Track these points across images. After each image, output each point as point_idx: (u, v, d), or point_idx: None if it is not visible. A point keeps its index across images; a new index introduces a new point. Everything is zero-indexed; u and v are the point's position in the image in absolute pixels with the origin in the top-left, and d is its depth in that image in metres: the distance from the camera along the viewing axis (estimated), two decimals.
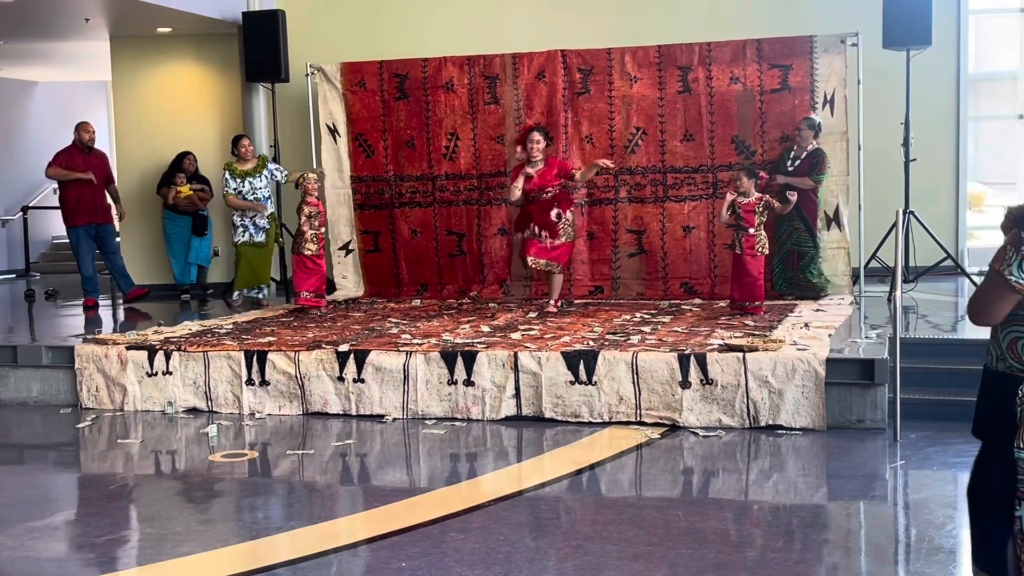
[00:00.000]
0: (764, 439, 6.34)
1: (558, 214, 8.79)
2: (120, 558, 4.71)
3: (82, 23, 11.70)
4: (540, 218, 8.80)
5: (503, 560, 4.44)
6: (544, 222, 8.79)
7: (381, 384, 7.10)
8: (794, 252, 9.27)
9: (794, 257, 9.28)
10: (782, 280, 9.32)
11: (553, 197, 8.79)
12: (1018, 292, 3.01)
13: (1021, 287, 2.99)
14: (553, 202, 8.79)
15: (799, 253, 9.26)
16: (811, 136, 9.13)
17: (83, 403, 7.71)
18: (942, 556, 4.38)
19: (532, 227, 8.87)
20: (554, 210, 8.78)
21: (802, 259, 9.26)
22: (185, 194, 11.55)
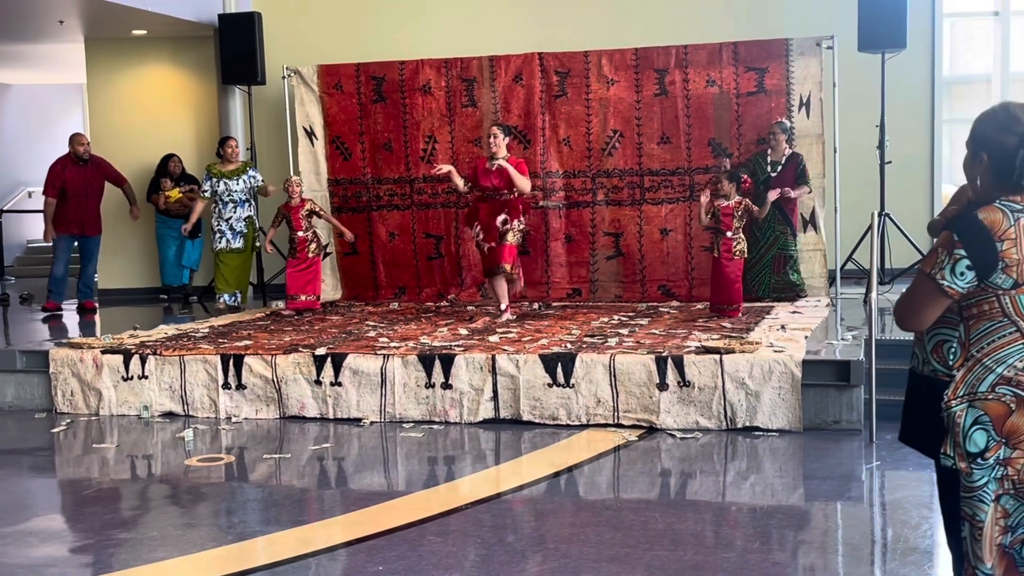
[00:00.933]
0: (741, 441, 6.36)
1: (504, 220, 8.49)
2: (95, 563, 4.68)
3: (56, 25, 11.63)
4: (486, 219, 8.58)
5: (481, 563, 4.43)
6: (487, 224, 8.55)
7: (358, 387, 7.08)
8: (780, 256, 9.29)
9: (780, 262, 9.30)
10: (767, 286, 9.32)
11: (506, 202, 8.52)
12: (949, 297, 2.96)
13: (953, 291, 2.95)
14: (504, 207, 8.51)
15: (785, 257, 9.29)
16: (784, 140, 9.17)
17: (58, 408, 7.66)
18: (917, 556, 4.40)
19: (476, 226, 8.69)
20: (501, 216, 8.49)
21: (787, 263, 9.29)
22: (175, 197, 11.50)
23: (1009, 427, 2.95)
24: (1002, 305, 2.95)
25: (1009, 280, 2.92)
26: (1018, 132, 2.92)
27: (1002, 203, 2.94)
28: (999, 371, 2.95)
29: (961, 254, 2.91)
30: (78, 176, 10.81)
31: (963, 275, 2.92)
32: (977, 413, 2.98)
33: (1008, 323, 2.96)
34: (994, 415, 2.96)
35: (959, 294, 2.96)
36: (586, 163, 10.01)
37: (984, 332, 2.99)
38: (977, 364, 2.99)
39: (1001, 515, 2.99)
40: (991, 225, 2.91)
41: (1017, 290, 2.93)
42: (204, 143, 12.15)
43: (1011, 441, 2.96)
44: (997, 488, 2.98)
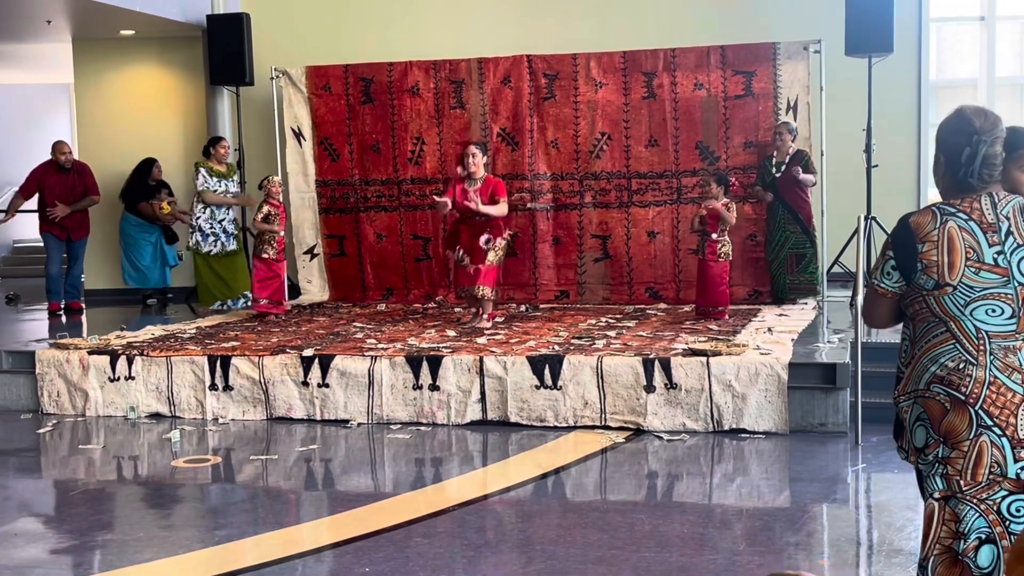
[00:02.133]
0: (728, 443, 6.38)
1: (487, 240, 8.29)
2: (81, 564, 4.67)
3: (44, 25, 11.59)
4: (468, 241, 8.35)
5: (467, 564, 4.44)
6: (471, 246, 8.32)
7: (346, 389, 7.08)
8: (792, 256, 9.32)
9: (792, 261, 9.33)
10: (783, 287, 9.36)
11: (486, 221, 8.32)
12: (882, 295, 3.12)
13: (882, 290, 3.10)
14: (485, 226, 8.32)
15: (797, 256, 9.32)
16: (790, 140, 9.21)
17: (44, 408, 7.63)
18: (901, 558, 4.43)
19: (459, 250, 8.46)
20: (484, 235, 8.29)
21: (801, 261, 9.31)
22: (168, 211, 11.46)
23: (946, 426, 3.01)
24: (929, 305, 3.05)
25: (931, 281, 3.01)
26: (967, 132, 3.02)
27: (938, 205, 3.06)
28: (932, 369, 3.04)
29: (889, 255, 3.08)
30: (60, 183, 10.80)
31: (890, 275, 3.09)
32: (919, 410, 3.07)
33: (939, 323, 3.05)
34: (931, 413, 3.04)
35: (890, 293, 3.11)
36: (574, 165, 10.03)
37: (923, 331, 3.10)
38: (918, 362, 3.09)
39: (951, 518, 3.02)
40: (916, 227, 3.03)
41: (940, 291, 3.01)
42: (192, 144, 12.11)
43: (948, 441, 3.01)
44: (945, 488, 3.03)
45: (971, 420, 2.97)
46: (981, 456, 2.97)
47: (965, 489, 2.99)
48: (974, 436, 2.97)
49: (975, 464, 2.98)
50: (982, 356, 2.99)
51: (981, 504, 2.99)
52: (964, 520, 3.00)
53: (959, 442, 2.99)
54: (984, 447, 2.97)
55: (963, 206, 3.02)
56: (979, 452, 2.97)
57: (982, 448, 2.97)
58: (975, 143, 3.00)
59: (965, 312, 3.00)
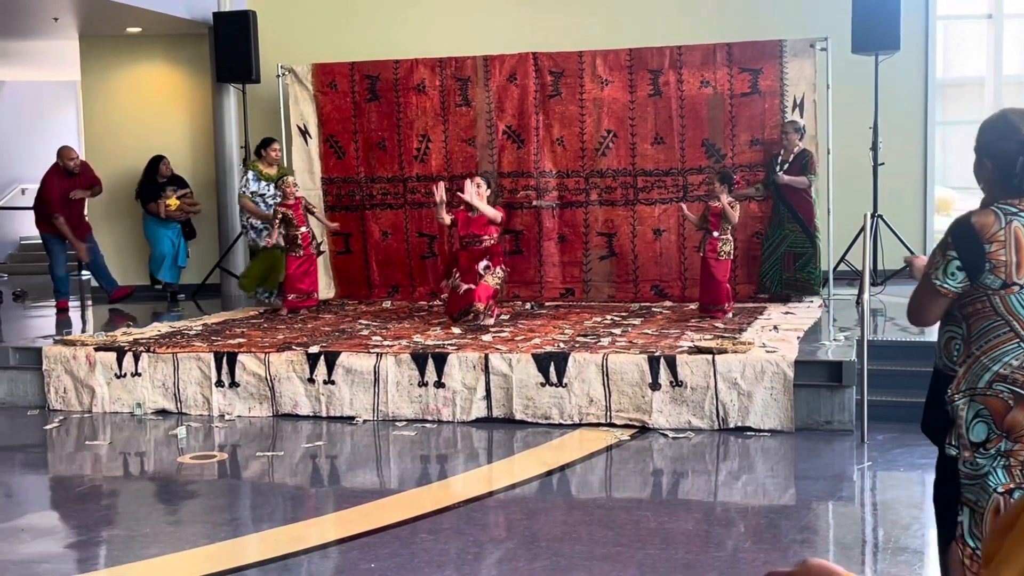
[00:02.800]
0: (733, 440, 6.38)
1: (486, 267, 8.20)
2: (88, 560, 4.68)
3: (51, 22, 11.61)
4: (466, 264, 8.26)
5: (473, 561, 4.45)
6: (468, 269, 8.22)
7: (351, 386, 7.09)
8: (790, 254, 9.32)
9: (790, 259, 9.32)
10: (777, 281, 9.36)
11: (487, 248, 8.26)
12: (943, 295, 3.12)
13: (945, 290, 3.11)
14: (485, 254, 8.25)
15: (795, 255, 9.31)
16: (796, 139, 9.19)
17: (51, 405, 7.65)
18: (907, 556, 4.43)
19: (455, 275, 8.36)
20: (483, 262, 8.21)
21: (799, 260, 9.30)
22: (175, 206, 11.47)
23: (1009, 422, 3.06)
24: (993, 304, 3.07)
25: (998, 280, 3.04)
26: (1016, 139, 3.06)
27: (998, 206, 3.08)
28: (995, 369, 3.07)
29: (952, 255, 3.08)
30: (70, 188, 10.83)
31: (954, 275, 3.09)
32: (978, 407, 3.10)
33: (1002, 322, 3.08)
34: (994, 410, 3.08)
35: (952, 293, 3.11)
36: (580, 163, 10.02)
37: (982, 331, 3.12)
38: (976, 362, 3.11)
39: None
40: (981, 228, 3.05)
41: (1007, 290, 3.05)
42: (198, 141, 12.14)
43: (1012, 435, 3.07)
44: (1008, 480, 3.07)
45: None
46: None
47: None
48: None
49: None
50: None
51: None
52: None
53: (1022, 435, 3.05)
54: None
55: (1022, 206, 3.07)
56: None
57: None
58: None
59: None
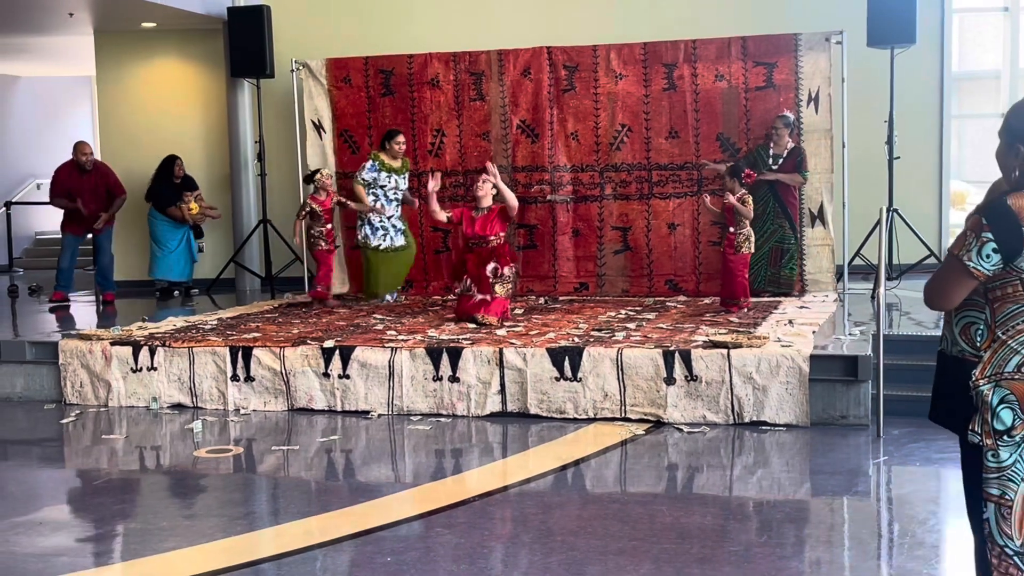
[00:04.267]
0: (748, 435, 6.37)
1: (495, 269, 8.11)
2: (105, 553, 4.71)
3: (66, 17, 11.65)
4: (475, 270, 8.18)
5: (488, 555, 4.45)
6: (478, 275, 8.14)
7: (366, 380, 7.10)
8: (777, 249, 9.32)
9: (776, 254, 9.32)
10: (763, 278, 9.35)
11: (493, 249, 8.17)
12: (975, 278, 3.06)
13: (979, 273, 3.04)
14: (492, 255, 8.17)
15: (782, 250, 9.31)
16: (786, 134, 9.17)
17: (67, 399, 7.69)
18: (924, 551, 4.41)
19: (466, 280, 8.30)
20: (491, 264, 8.12)
21: (783, 256, 9.31)
22: (196, 212, 11.50)
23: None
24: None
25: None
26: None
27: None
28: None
29: (988, 237, 3.01)
30: (82, 183, 10.87)
31: (989, 257, 3.02)
32: (1004, 392, 3.05)
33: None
34: (1020, 395, 3.03)
35: (985, 276, 3.05)
36: (594, 157, 10.02)
37: (1010, 314, 3.07)
38: (1003, 346, 3.06)
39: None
40: (1019, 210, 3.00)
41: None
42: (212, 136, 12.17)
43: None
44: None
45: None
46: None
47: None
48: None
49: None
50: None
51: None
52: None
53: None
54: None
55: None
56: None
57: None
58: None
59: None
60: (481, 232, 8.21)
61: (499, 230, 8.25)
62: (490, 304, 8.08)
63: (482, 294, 8.15)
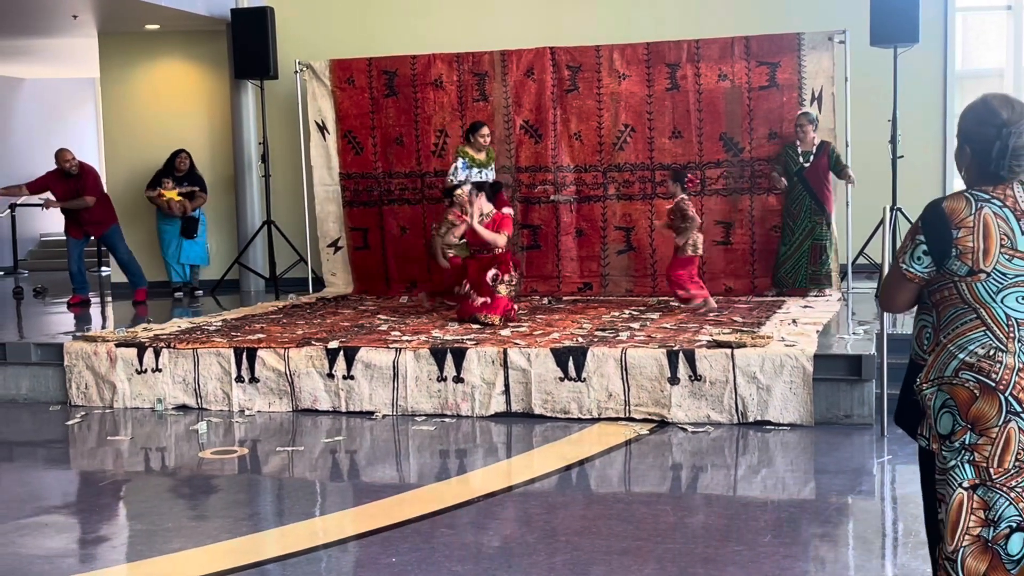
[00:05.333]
0: (752, 435, 6.37)
1: (495, 276, 8.15)
2: (110, 554, 4.72)
3: (70, 20, 11.67)
4: (475, 275, 8.24)
5: (492, 555, 4.46)
6: (477, 281, 8.20)
7: (371, 381, 7.11)
8: (816, 247, 9.31)
9: (816, 252, 9.32)
10: (803, 276, 9.33)
11: (495, 257, 8.23)
12: (910, 280, 3.08)
13: (911, 275, 3.07)
14: (493, 262, 8.22)
15: (821, 247, 9.31)
16: (811, 130, 9.18)
17: (72, 400, 7.70)
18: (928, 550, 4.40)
19: (465, 284, 8.34)
20: (492, 271, 8.17)
21: (823, 253, 9.31)
22: (167, 198, 11.51)
23: (974, 413, 2.99)
24: (959, 291, 3.03)
25: (964, 267, 2.99)
26: (995, 124, 3.00)
27: (971, 192, 3.03)
28: (961, 357, 3.01)
29: (920, 240, 3.04)
30: (69, 189, 10.86)
31: (920, 260, 3.04)
32: (944, 397, 3.05)
33: (969, 309, 3.03)
34: (959, 400, 3.02)
35: (919, 278, 3.07)
36: (597, 157, 10.02)
37: (950, 318, 3.07)
38: (943, 350, 3.06)
39: (979, 506, 3.01)
40: (950, 213, 3.00)
41: (973, 277, 2.99)
42: (216, 137, 12.19)
43: (977, 427, 3.00)
44: (973, 476, 3.01)
45: (1000, 406, 2.96)
46: (1009, 443, 2.97)
47: (995, 477, 2.98)
48: (1003, 423, 2.96)
49: (1003, 451, 2.97)
50: (1011, 343, 2.98)
51: (1011, 492, 2.98)
52: (994, 508, 2.99)
53: (987, 428, 2.98)
54: (1012, 434, 2.96)
55: (996, 193, 3.01)
56: (1007, 439, 2.97)
57: (1010, 435, 2.96)
58: (1004, 136, 2.98)
59: (996, 299, 2.99)
60: (483, 240, 8.23)
61: (501, 240, 8.28)
62: (491, 304, 8.10)
63: (481, 297, 8.18)
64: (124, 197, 12.03)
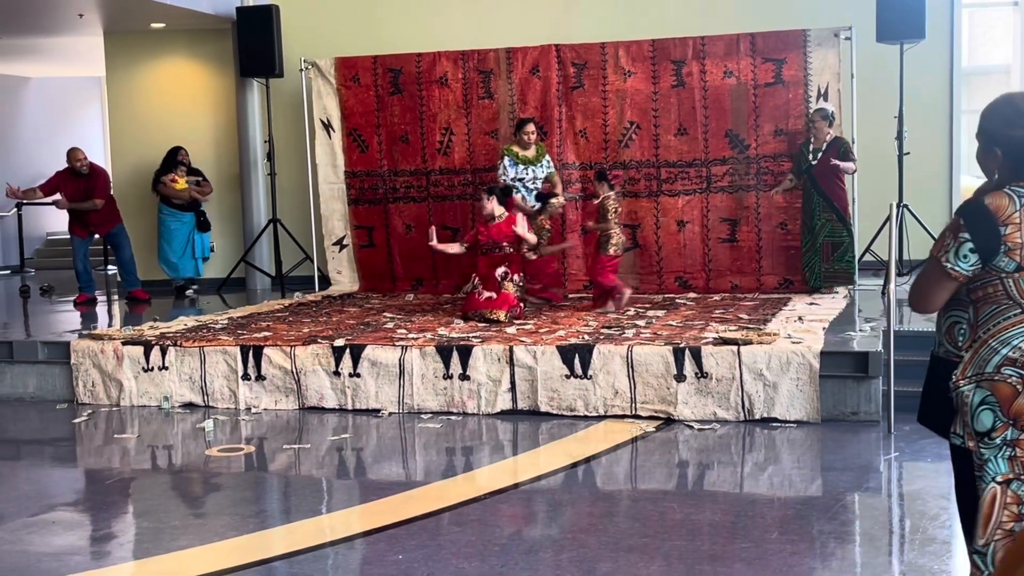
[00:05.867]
0: (759, 432, 6.36)
1: (504, 273, 8.30)
2: (117, 552, 4.73)
3: (76, 19, 11.69)
4: (485, 271, 8.37)
5: (499, 552, 4.46)
6: (487, 276, 8.33)
7: (377, 378, 7.11)
8: (828, 244, 9.29)
9: (828, 249, 9.29)
10: (818, 274, 9.32)
11: (506, 256, 8.37)
12: (954, 279, 3.05)
13: (956, 274, 3.04)
14: (504, 260, 8.36)
15: (834, 244, 9.28)
16: (825, 126, 9.15)
17: (79, 398, 7.72)
18: (936, 547, 4.40)
19: (474, 279, 8.48)
20: (501, 268, 8.31)
21: (837, 250, 9.27)
22: (180, 187, 11.53)
23: (1016, 409, 2.99)
24: (1006, 288, 3.02)
25: (1012, 263, 2.99)
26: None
27: (1011, 188, 3.02)
28: (1004, 352, 3.00)
29: (965, 237, 3.01)
30: (79, 188, 10.88)
31: (966, 258, 3.02)
32: (984, 393, 3.03)
33: (1013, 305, 3.03)
34: (1001, 396, 3.01)
35: (964, 276, 3.04)
36: (603, 155, 10.01)
37: (991, 314, 3.06)
38: (983, 345, 3.04)
39: (1013, 501, 3.01)
40: (996, 210, 2.99)
41: (1020, 273, 3.00)
42: (222, 136, 12.20)
43: (1019, 423, 3.00)
44: (1008, 471, 3.01)
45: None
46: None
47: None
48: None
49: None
50: None
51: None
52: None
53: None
54: None
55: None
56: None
57: None
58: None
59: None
60: (496, 238, 8.36)
61: (512, 239, 8.39)
62: (497, 300, 8.14)
63: (489, 292, 8.26)
64: (130, 195, 12.05)
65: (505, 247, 8.38)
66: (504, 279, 8.29)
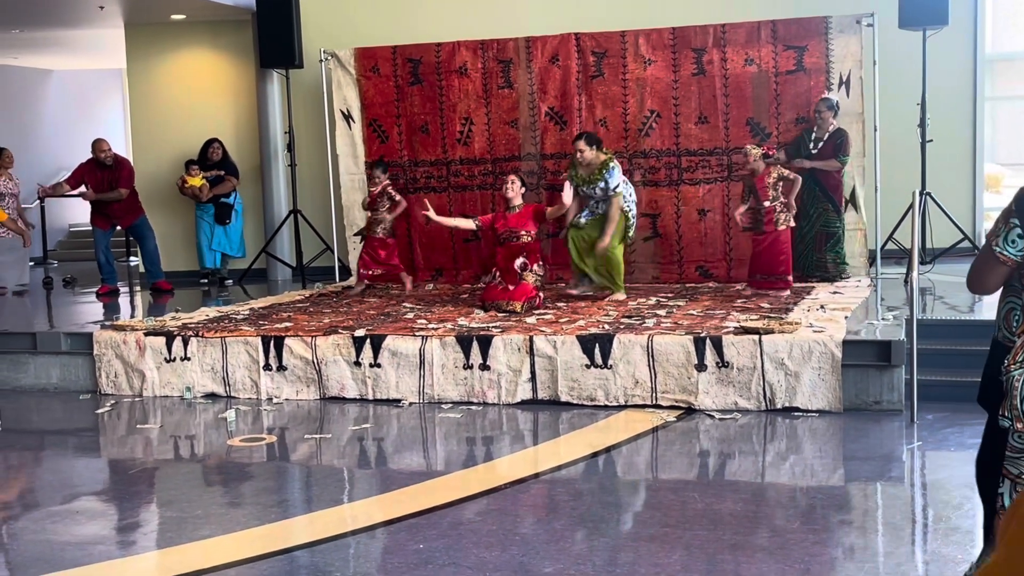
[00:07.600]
0: (780, 421, 6.34)
1: (523, 264, 8.27)
2: (140, 541, 4.76)
3: (96, 11, 11.73)
4: (504, 263, 8.37)
5: (520, 542, 4.46)
6: (506, 268, 8.33)
7: (397, 369, 7.13)
8: (822, 234, 9.24)
9: (822, 238, 9.25)
10: (810, 264, 9.27)
11: (524, 245, 8.34)
12: (1003, 263, 3.11)
13: (1005, 258, 3.10)
14: (523, 250, 8.33)
15: (827, 234, 9.24)
16: (830, 116, 9.08)
17: (102, 389, 7.77)
18: (959, 536, 4.38)
19: (494, 272, 8.53)
20: (520, 259, 8.28)
21: (828, 240, 9.24)
22: (189, 184, 11.59)
23: None
24: None
25: None
26: None
27: None
28: None
29: (1015, 223, 3.07)
30: (103, 179, 10.96)
31: (1015, 243, 3.09)
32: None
33: None
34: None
35: (1013, 261, 3.10)
36: (623, 144, 9.97)
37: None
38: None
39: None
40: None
41: None
42: (242, 127, 12.23)
43: None
44: None
45: None
46: None
47: None
48: None
49: None
50: None
51: None
52: None
53: None
54: None
55: None
56: None
57: None
58: None
59: None
60: (515, 226, 8.33)
61: (531, 228, 8.37)
62: (514, 291, 8.16)
63: (508, 283, 8.28)
64: (152, 186, 12.10)
65: (522, 235, 8.35)
66: (524, 270, 8.27)
